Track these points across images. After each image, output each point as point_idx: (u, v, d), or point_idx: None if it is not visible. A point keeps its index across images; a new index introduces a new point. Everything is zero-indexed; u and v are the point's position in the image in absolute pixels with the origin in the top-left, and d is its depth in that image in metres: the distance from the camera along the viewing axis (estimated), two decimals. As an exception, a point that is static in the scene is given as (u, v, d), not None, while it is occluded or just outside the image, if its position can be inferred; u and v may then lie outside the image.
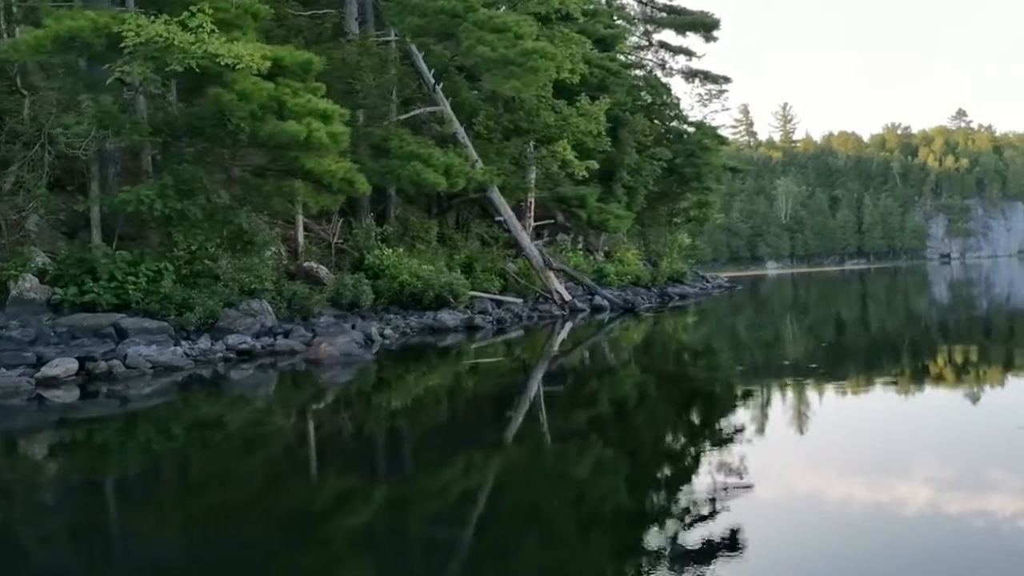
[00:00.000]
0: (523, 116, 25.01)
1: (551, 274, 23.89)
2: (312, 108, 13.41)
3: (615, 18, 40.50)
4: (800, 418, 8.50)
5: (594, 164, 25.58)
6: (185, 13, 12.45)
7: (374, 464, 7.26)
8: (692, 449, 7.39)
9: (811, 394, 9.77)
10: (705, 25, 40.50)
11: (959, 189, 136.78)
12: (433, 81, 22.02)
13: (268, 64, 13.07)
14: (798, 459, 6.82)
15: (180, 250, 14.64)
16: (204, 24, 12.37)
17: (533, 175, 28.77)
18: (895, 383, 10.34)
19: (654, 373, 12.93)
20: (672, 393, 10.97)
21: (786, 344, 16.57)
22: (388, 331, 16.90)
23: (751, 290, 45.85)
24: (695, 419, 9.06)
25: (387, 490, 6.21)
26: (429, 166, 19.20)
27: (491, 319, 20.11)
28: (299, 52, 14.25)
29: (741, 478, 6.04)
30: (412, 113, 22.06)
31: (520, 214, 29.87)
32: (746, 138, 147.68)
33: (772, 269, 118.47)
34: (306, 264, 18.98)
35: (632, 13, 44.29)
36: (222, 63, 12.43)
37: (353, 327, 16.35)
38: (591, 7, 35.94)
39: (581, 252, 32.83)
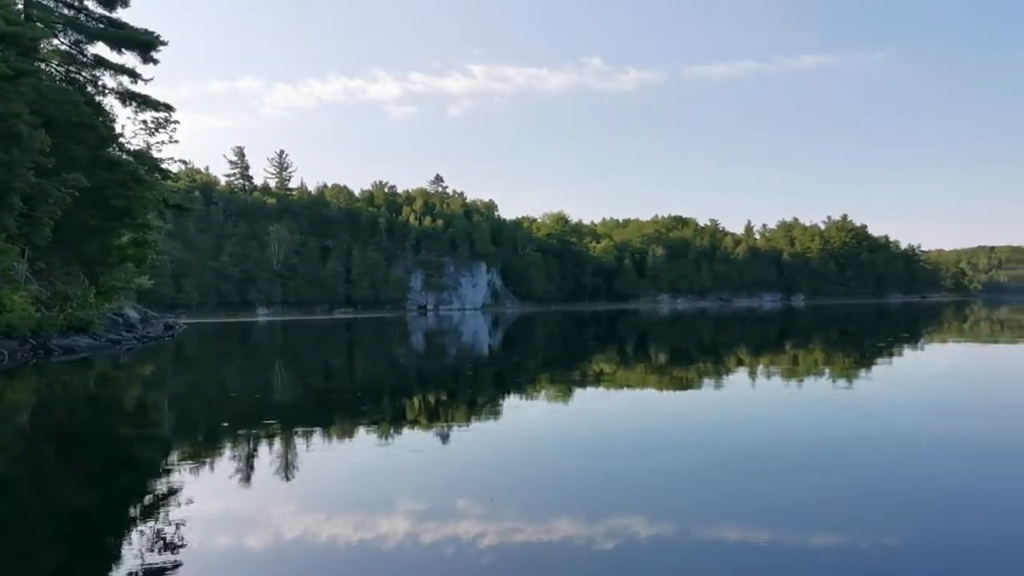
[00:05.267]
0: None
1: None
2: None
3: (33, 18, 34.08)
4: None
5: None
6: None
7: None
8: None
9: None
10: (142, 44, 36.07)
11: (435, 247, 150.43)
12: None
13: None
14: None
15: None
16: None
17: None
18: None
19: None
20: None
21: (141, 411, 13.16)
22: None
23: (206, 339, 42.00)
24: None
25: None
26: None
27: None
28: None
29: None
30: None
31: None
32: (241, 181, 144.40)
33: (263, 316, 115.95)
34: None
35: (65, 16, 38.05)
36: None
37: None
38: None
39: (-60, 292, 25.75)
